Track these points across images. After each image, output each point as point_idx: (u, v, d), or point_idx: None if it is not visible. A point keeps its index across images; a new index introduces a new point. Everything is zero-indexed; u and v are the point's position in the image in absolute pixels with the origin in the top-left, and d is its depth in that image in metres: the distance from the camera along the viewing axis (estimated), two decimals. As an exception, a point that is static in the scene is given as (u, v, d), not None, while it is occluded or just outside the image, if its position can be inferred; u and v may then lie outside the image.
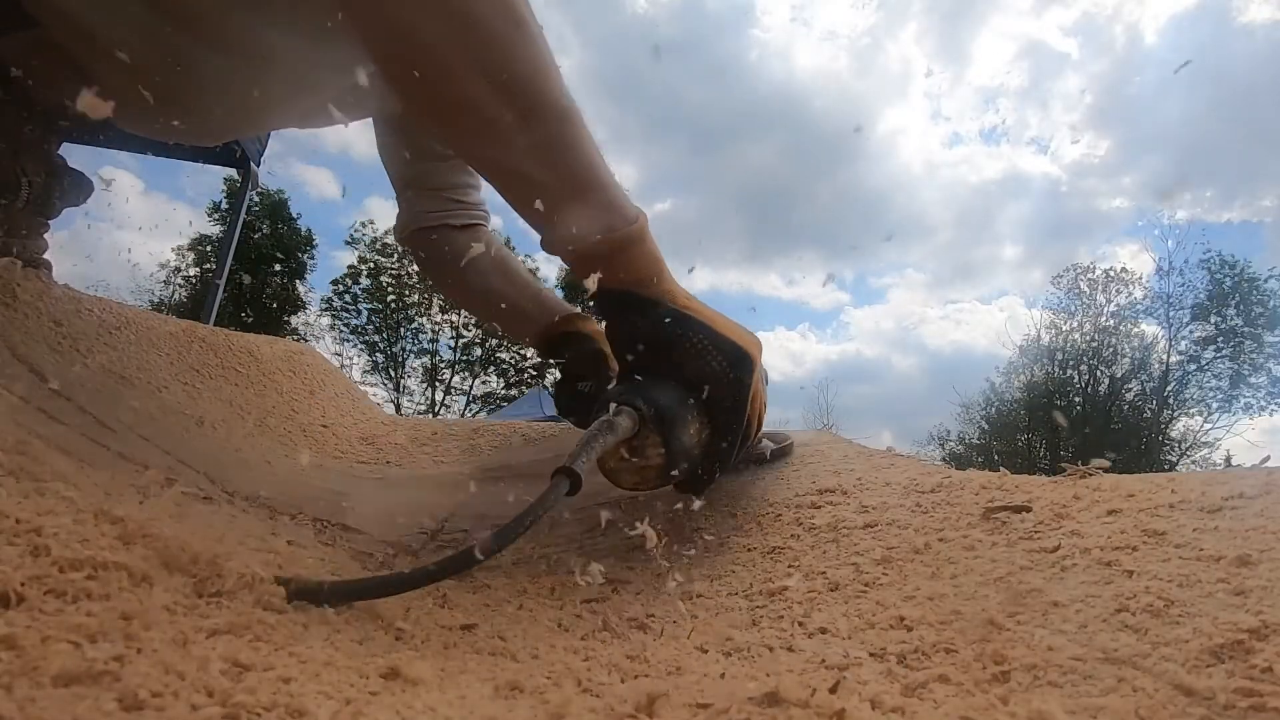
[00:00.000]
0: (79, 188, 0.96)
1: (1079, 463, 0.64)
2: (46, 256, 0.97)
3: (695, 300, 0.69)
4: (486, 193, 1.15)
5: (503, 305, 1.07)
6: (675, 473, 0.64)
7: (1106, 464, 0.62)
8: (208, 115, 0.88)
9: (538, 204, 0.63)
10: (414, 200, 1.10)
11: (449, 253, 1.09)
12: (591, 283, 0.64)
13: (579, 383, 0.91)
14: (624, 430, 0.59)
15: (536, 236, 0.67)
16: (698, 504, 0.70)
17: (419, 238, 1.11)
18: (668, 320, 0.65)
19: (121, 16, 0.72)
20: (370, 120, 1.07)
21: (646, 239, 0.66)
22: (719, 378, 0.65)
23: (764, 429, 0.82)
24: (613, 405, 0.61)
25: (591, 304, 0.69)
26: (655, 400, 0.62)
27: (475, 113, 0.59)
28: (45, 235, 0.96)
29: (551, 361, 1.04)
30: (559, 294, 1.17)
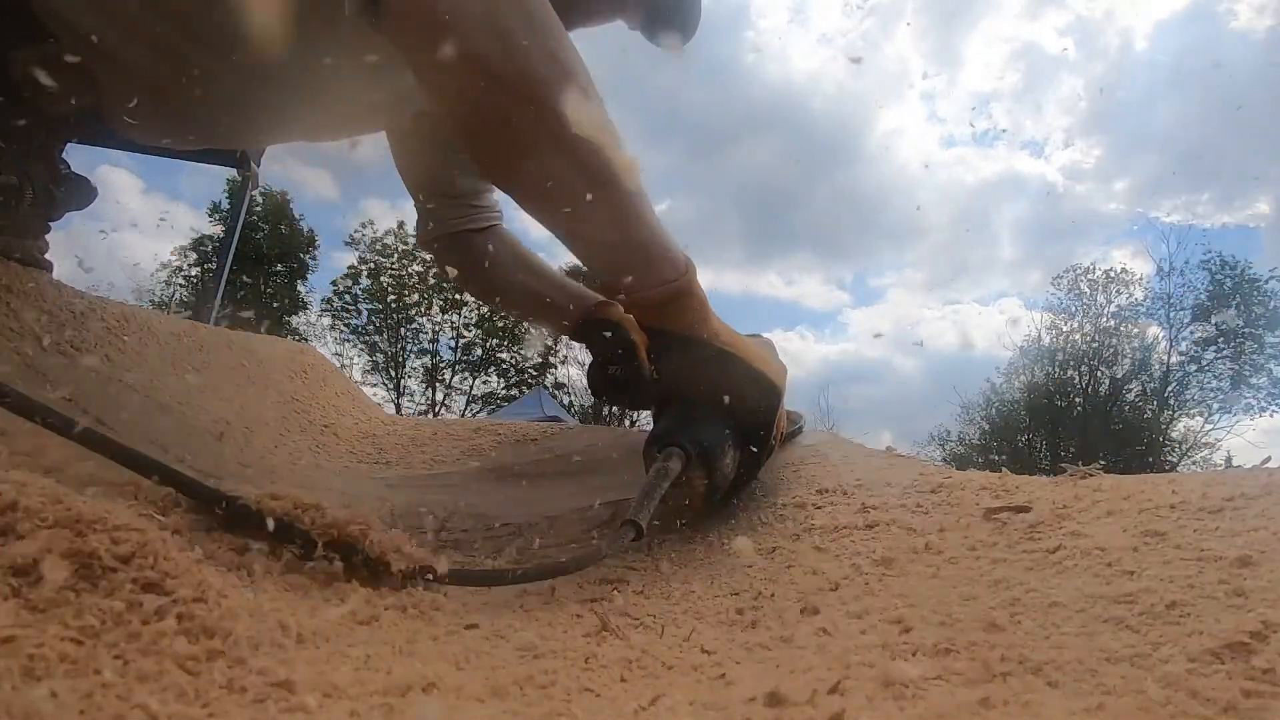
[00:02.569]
0: (81, 192, 0.96)
1: (1079, 463, 0.64)
2: (47, 257, 0.97)
3: (735, 335, 0.77)
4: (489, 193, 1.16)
5: (531, 299, 1.12)
6: (718, 498, 0.73)
7: (1098, 470, 0.63)
8: (216, 126, 0.88)
9: (603, 261, 0.70)
10: (433, 209, 1.13)
11: (473, 255, 1.13)
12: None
13: (610, 368, 0.99)
14: (675, 472, 0.67)
15: (540, 236, 0.70)
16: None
17: (443, 244, 1.14)
18: (711, 359, 0.73)
19: (132, 30, 0.73)
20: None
21: (694, 287, 0.73)
22: (753, 410, 0.74)
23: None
24: (664, 450, 0.69)
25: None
26: (700, 439, 0.70)
27: (549, 183, 0.64)
28: (46, 237, 0.96)
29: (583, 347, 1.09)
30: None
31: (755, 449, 0.75)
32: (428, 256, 1.23)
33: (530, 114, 0.60)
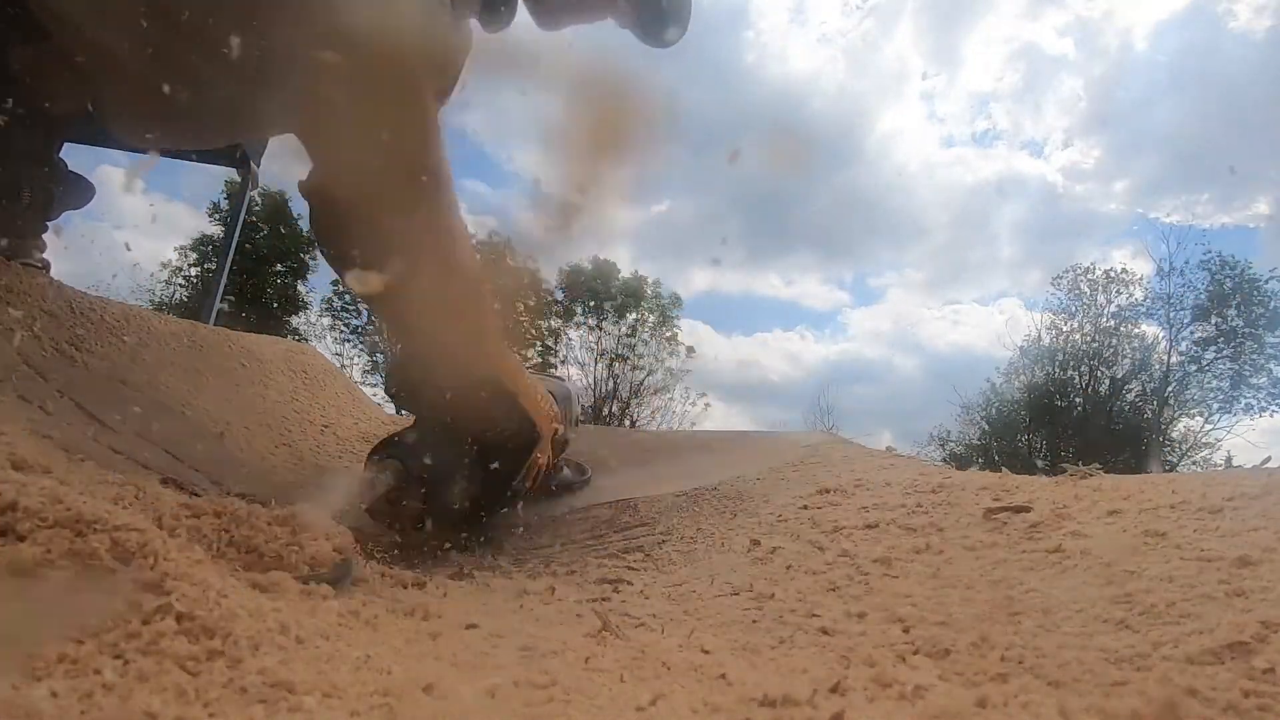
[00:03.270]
0: (79, 191, 0.96)
1: (1079, 464, 0.64)
2: (45, 256, 0.97)
3: (516, 372, 0.78)
4: (492, 194, 1.15)
5: None
6: (428, 525, 0.70)
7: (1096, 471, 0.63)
8: (209, 122, 0.88)
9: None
10: None
11: None
12: None
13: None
14: (383, 486, 0.66)
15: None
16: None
17: None
18: (479, 385, 0.73)
19: (128, 29, 0.73)
20: None
21: (478, 307, 0.74)
22: (506, 451, 0.74)
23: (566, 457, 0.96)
24: (384, 460, 0.68)
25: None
26: (424, 460, 0.69)
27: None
28: (44, 236, 0.96)
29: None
30: (559, 294, 1.18)
31: (496, 488, 0.74)
32: None
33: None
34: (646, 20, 0.99)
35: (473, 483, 0.71)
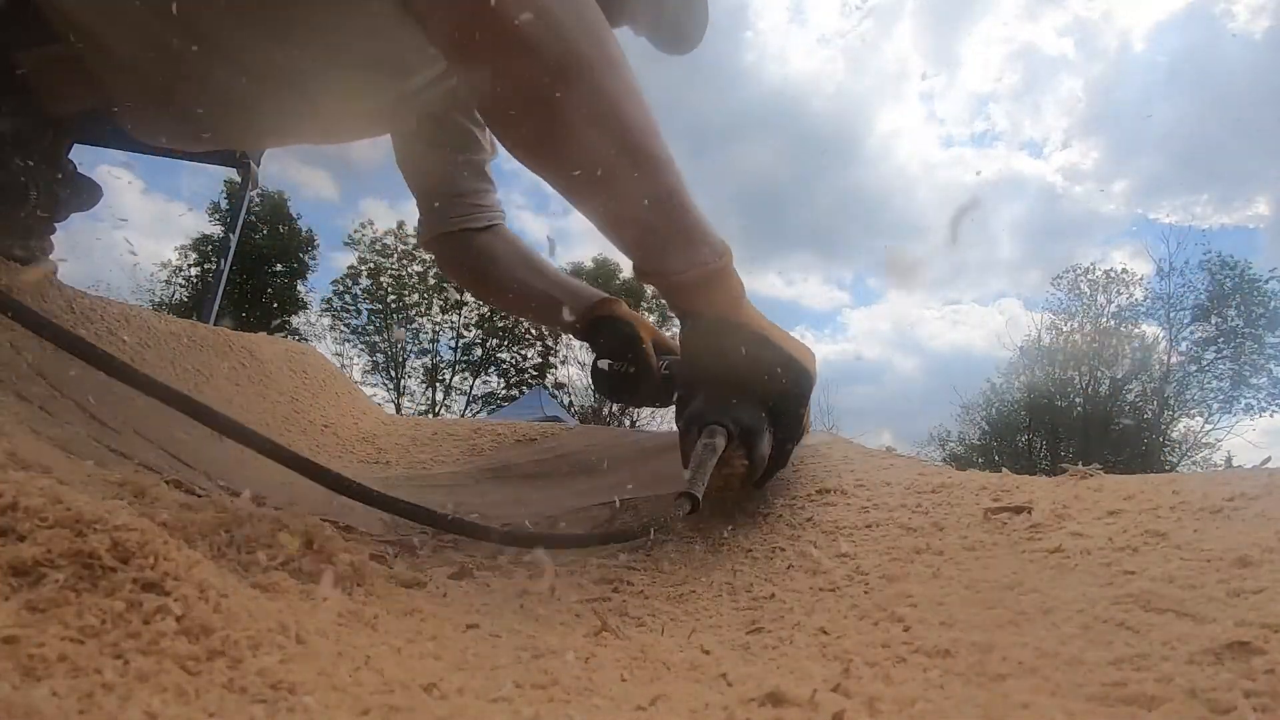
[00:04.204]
0: (87, 193, 0.96)
1: (1079, 463, 0.64)
2: (51, 258, 0.97)
3: (766, 321, 0.77)
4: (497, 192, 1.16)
5: (532, 296, 1.13)
6: (756, 478, 0.73)
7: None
8: (223, 127, 0.88)
9: (641, 242, 0.70)
10: (437, 208, 1.13)
11: (475, 253, 1.14)
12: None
13: (614, 362, 1.00)
14: (721, 448, 0.68)
15: (535, 236, 0.71)
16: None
17: (444, 242, 1.15)
18: (748, 342, 0.73)
19: (138, 32, 0.73)
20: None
21: (731, 272, 0.73)
22: (786, 394, 0.74)
23: None
24: (708, 428, 0.69)
25: (682, 325, 0.78)
26: (740, 419, 0.70)
27: (593, 166, 0.64)
28: (50, 238, 0.96)
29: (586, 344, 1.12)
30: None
31: (788, 434, 0.75)
32: (429, 256, 1.23)
33: (576, 94, 0.60)
34: (665, 34, 1.00)
35: (772, 431, 0.73)
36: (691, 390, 0.78)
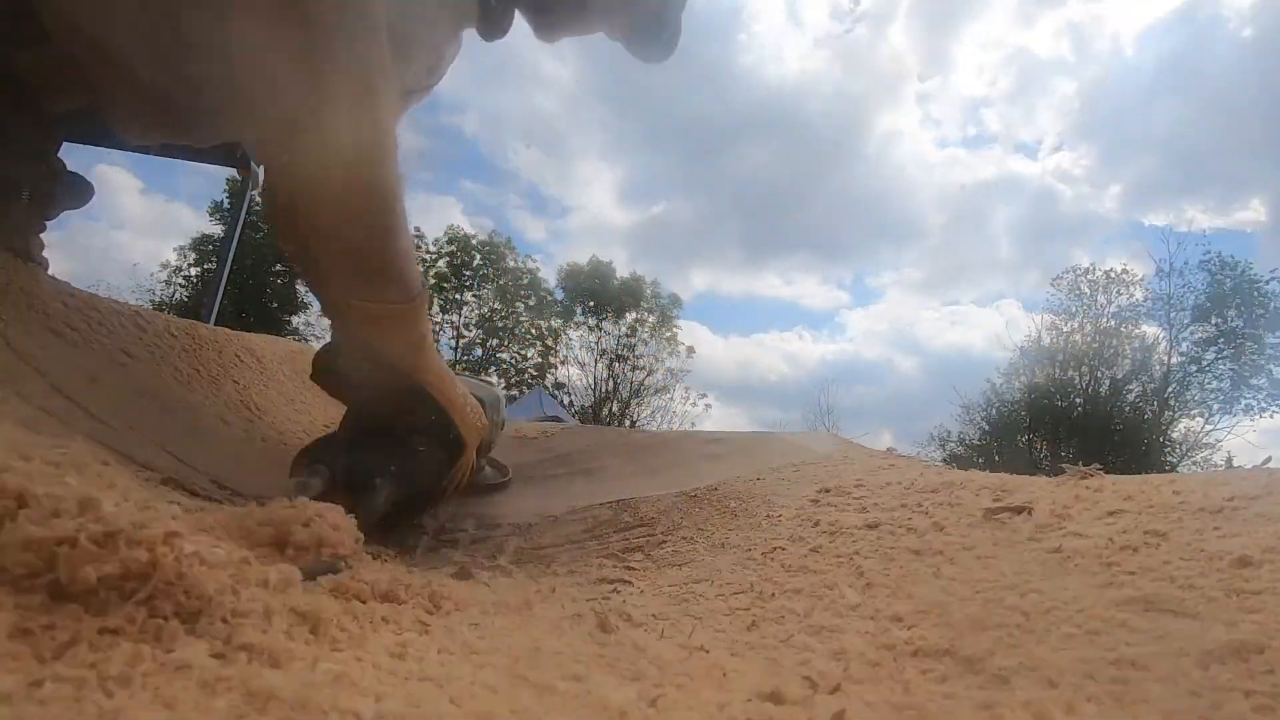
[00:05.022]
0: (78, 190, 0.96)
1: (1080, 464, 0.64)
2: (45, 255, 0.97)
3: (447, 382, 0.79)
4: (490, 193, 1.16)
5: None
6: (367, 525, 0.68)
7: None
8: (211, 121, 0.88)
9: (338, 259, 0.71)
10: None
11: None
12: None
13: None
14: (314, 491, 0.65)
15: (536, 237, 0.72)
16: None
17: None
18: (403, 392, 0.75)
19: (130, 30, 0.73)
20: None
21: (416, 318, 0.75)
22: (430, 458, 0.76)
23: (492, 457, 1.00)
24: (311, 467, 0.69)
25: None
26: (352, 467, 0.70)
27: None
28: (41, 235, 0.96)
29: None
30: (558, 293, 1.19)
31: (419, 493, 0.76)
32: (428, 256, 1.21)
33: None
34: (640, 39, 1.02)
35: (397, 488, 0.73)
36: (343, 422, 0.79)
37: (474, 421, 0.81)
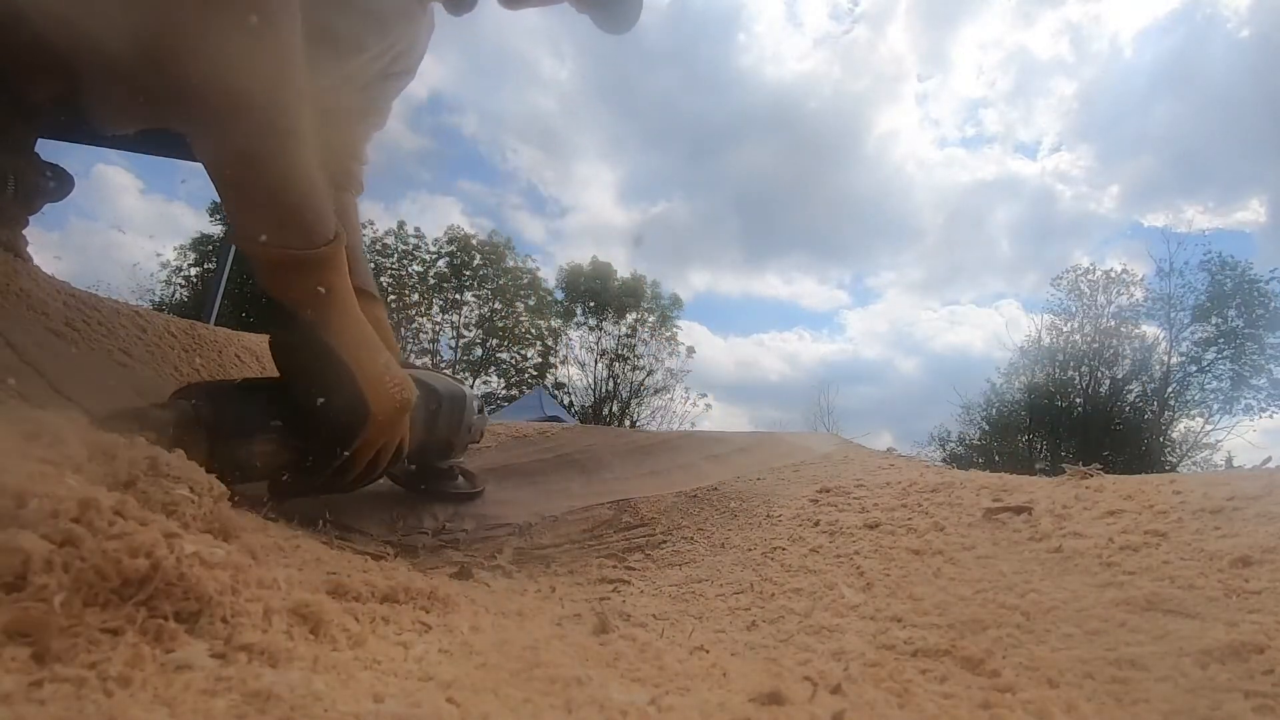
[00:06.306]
0: (60, 183, 0.95)
1: (1080, 464, 0.64)
2: (29, 251, 0.97)
3: (363, 344, 0.72)
4: (489, 193, 1.16)
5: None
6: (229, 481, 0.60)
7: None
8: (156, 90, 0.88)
9: (242, 204, 0.68)
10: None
11: (339, 209, 1.15)
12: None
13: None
14: (164, 423, 0.59)
15: (534, 235, 0.71)
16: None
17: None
18: (303, 347, 0.69)
19: (109, 20, 0.72)
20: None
21: (324, 267, 0.70)
22: (329, 421, 0.68)
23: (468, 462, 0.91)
24: (176, 397, 0.63)
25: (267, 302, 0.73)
26: (222, 412, 0.63)
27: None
28: (24, 230, 0.96)
29: None
30: (558, 294, 1.19)
31: (309, 462, 0.70)
32: (428, 256, 1.21)
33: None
34: (603, 9, 1.02)
35: (281, 450, 0.68)
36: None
37: (393, 396, 0.73)
